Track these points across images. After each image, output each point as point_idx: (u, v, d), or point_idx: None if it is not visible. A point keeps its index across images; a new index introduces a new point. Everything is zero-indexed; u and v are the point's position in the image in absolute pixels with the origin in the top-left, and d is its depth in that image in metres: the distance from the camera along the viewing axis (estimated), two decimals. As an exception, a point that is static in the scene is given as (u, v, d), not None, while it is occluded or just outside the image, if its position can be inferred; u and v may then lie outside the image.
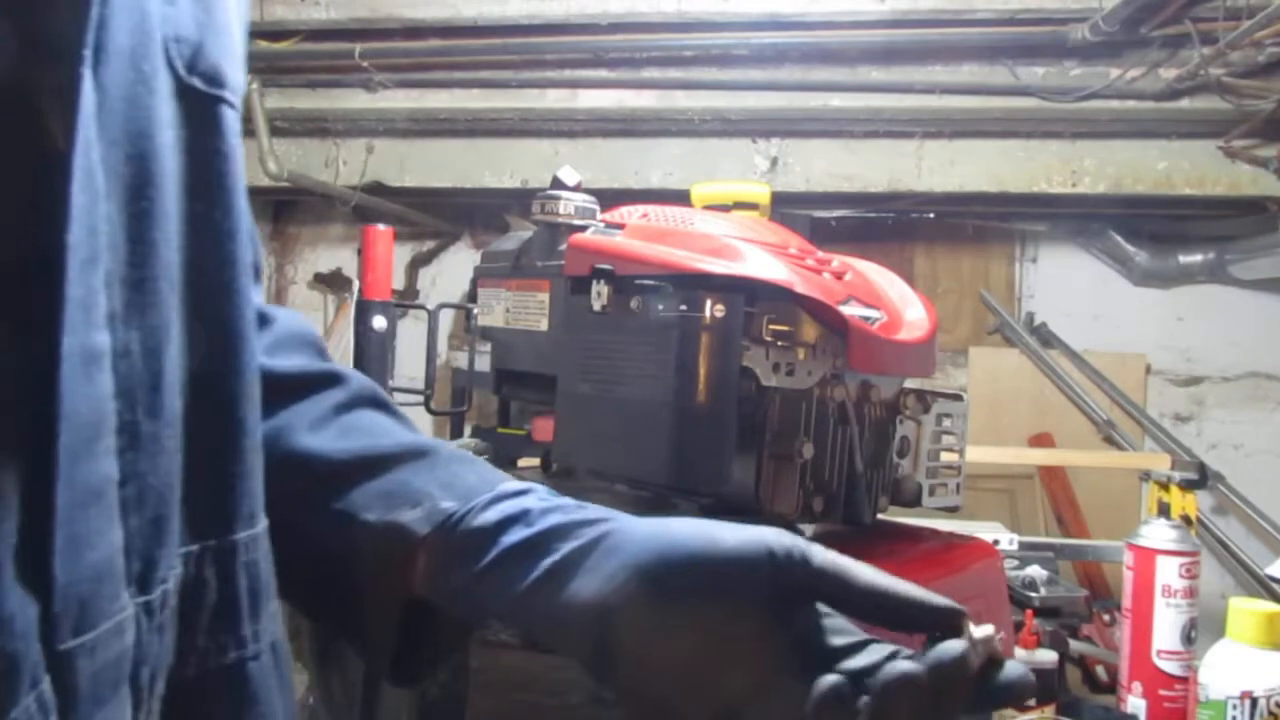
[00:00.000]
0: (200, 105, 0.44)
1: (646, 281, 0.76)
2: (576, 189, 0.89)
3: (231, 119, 0.46)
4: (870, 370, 0.77)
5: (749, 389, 0.72)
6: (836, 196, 3.11)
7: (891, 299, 0.84)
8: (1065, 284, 3.75)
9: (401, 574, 0.53)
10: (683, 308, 0.73)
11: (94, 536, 0.36)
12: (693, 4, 2.58)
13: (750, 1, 2.58)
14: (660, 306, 0.74)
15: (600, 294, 0.78)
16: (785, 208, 3.22)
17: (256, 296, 0.54)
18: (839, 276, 0.81)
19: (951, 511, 0.83)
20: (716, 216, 0.86)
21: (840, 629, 0.49)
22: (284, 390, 0.59)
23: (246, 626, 0.47)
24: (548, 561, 0.49)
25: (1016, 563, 1.47)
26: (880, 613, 0.49)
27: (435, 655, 0.56)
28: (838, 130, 2.93)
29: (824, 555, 0.48)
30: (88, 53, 0.35)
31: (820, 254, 0.85)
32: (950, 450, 0.82)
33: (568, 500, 0.54)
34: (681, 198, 1.44)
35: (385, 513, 0.53)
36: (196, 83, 0.44)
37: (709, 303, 0.71)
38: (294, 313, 0.68)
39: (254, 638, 0.47)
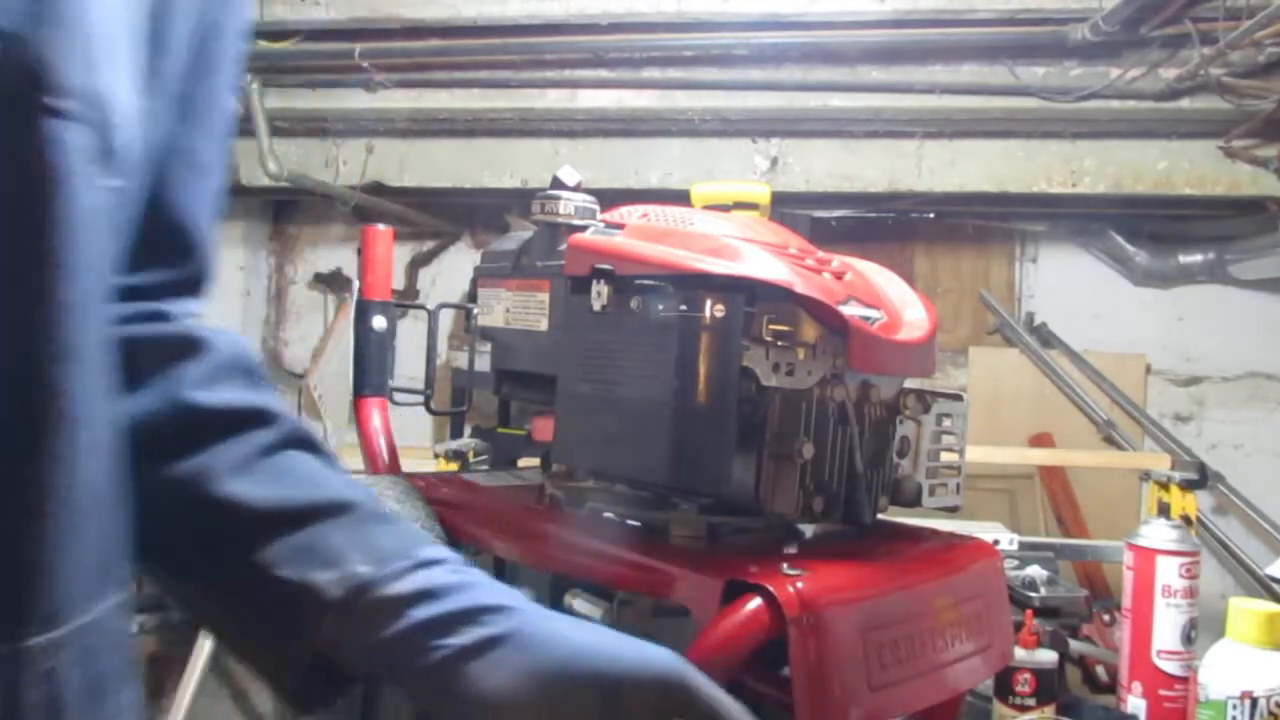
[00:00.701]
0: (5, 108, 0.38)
1: (646, 281, 0.76)
2: (576, 189, 0.88)
3: (59, 131, 0.39)
4: (870, 370, 0.77)
5: (749, 389, 0.72)
6: (836, 196, 3.11)
7: (891, 299, 0.84)
8: (1065, 284, 3.75)
9: (310, 631, 0.53)
10: (683, 308, 0.73)
11: None
12: (693, 4, 2.58)
13: (750, 1, 2.58)
14: (660, 306, 0.74)
15: (600, 294, 0.78)
16: (785, 208, 3.22)
17: (194, 320, 0.53)
18: (839, 276, 0.81)
19: (951, 511, 0.83)
20: (716, 216, 0.86)
21: None
22: (210, 428, 0.57)
23: None
24: (453, 644, 0.50)
25: (1016, 563, 1.47)
26: None
27: (341, 688, 0.57)
28: (838, 130, 2.93)
29: (709, 696, 0.49)
30: None
31: (820, 254, 0.85)
32: (950, 450, 0.82)
33: (479, 576, 0.55)
34: (681, 198, 1.44)
35: (300, 571, 0.53)
36: None
37: (709, 303, 0.71)
38: (234, 336, 0.65)
39: None
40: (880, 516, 0.81)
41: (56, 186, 0.39)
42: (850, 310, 0.77)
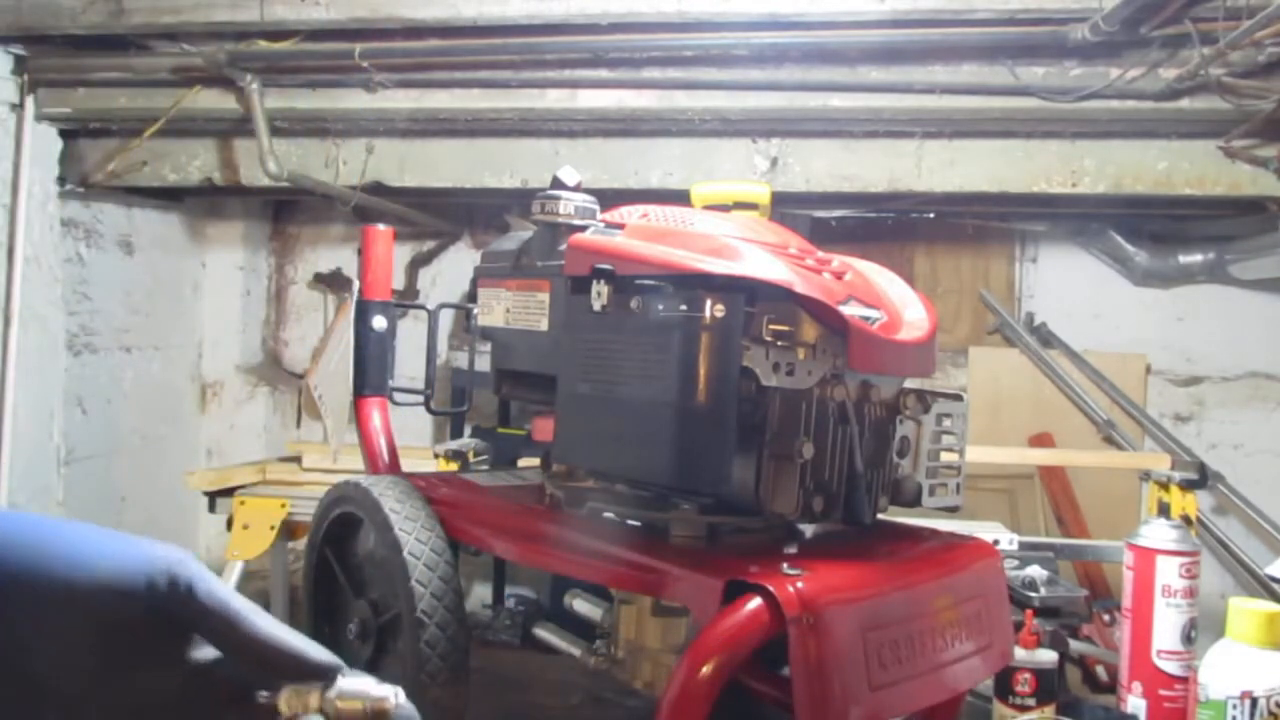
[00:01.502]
0: None
1: (646, 281, 0.76)
2: (576, 189, 0.88)
3: None
4: (870, 370, 0.77)
5: (749, 389, 0.72)
6: (836, 196, 3.11)
7: (891, 299, 0.84)
8: (1065, 284, 3.75)
9: None
10: (683, 308, 0.72)
11: None
12: (693, 4, 2.58)
13: (750, 1, 2.58)
14: (660, 306, 0.74)
15: (600, 294, 0.78)
16: (785, 208, 3.22)
17: None
18: (839, 276, 0.81)
19: (951, 511, 0.83)
20: (717, 216, 0.86)
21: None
22: None
23: None
24: None
25: (1016, 563, 1.47)
26: (260, 660, 0.48)
27: None
28: (838, 130, 2.92)
29: (212, 594, 0.47)
30: None
31: (820, 254, 0.85)
32: (950, 450, 0.82)
33: None
34: (681, 198, 1.44)
35: None
36: None
37: (709, 303, 0.71)
38: None
39: None
40: (880, 516, 0.81)
41: None
42: (850, 310, 0.76)
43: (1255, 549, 3.37)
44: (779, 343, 0.72)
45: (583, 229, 0.87)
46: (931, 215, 3.50)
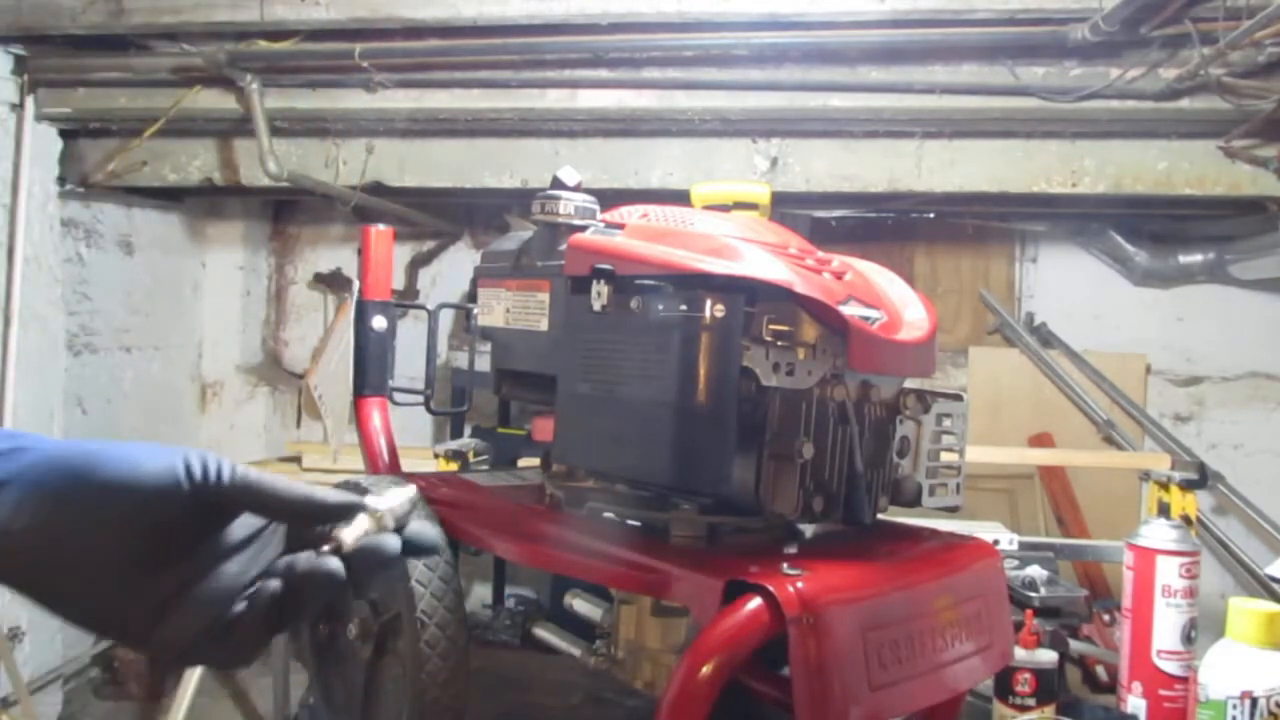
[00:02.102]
0: None
1: (646, 281, 0.76)
2: (577, 189, 0.88)
3: None
4: (870, 370, 0.77)
5: (749, 389, 0.72)
6: (836, 196, 3.11)
7: (891, 299, 0.84)
8: (1065, 284, 3.75)
9: None
10: (683, 308, 0.72)
11: None
12: (693, 4, 2.58)
13: (750, 1, 2.58)
14: (660, 306, 0.74)
15: (600, 294, 0.78)
16: (785, 208, 3.22)
17: None
18: (839, 276, 0.81)
19: (952, 511, 0.83)
20: (716, 216, 0.86)
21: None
22: None
23: None
24: None
25: (1016, 563, 1.47)
26: (294, 516, 0.59)
27: None
28: (838, 130, 2.92)
29: (236, 473, 0.56)
30: None
31: (820, 254, 0.85)
32: (950, 450, 0.82)
33: None
34: (681, 198, 1.44)
35: None
36: None
37: (709, 303, 0.71)
38: None
39: None
40: (880, 516, 0.81)
41: None
42: (850, 310, 0.76)
43: (1255, 549, 3.37)
44: (779, 343, 0.72)
45: (583, 229, 0.87)
46: (931, 215, 3.50)
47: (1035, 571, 1.38)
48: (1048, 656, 1.15)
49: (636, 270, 0.77)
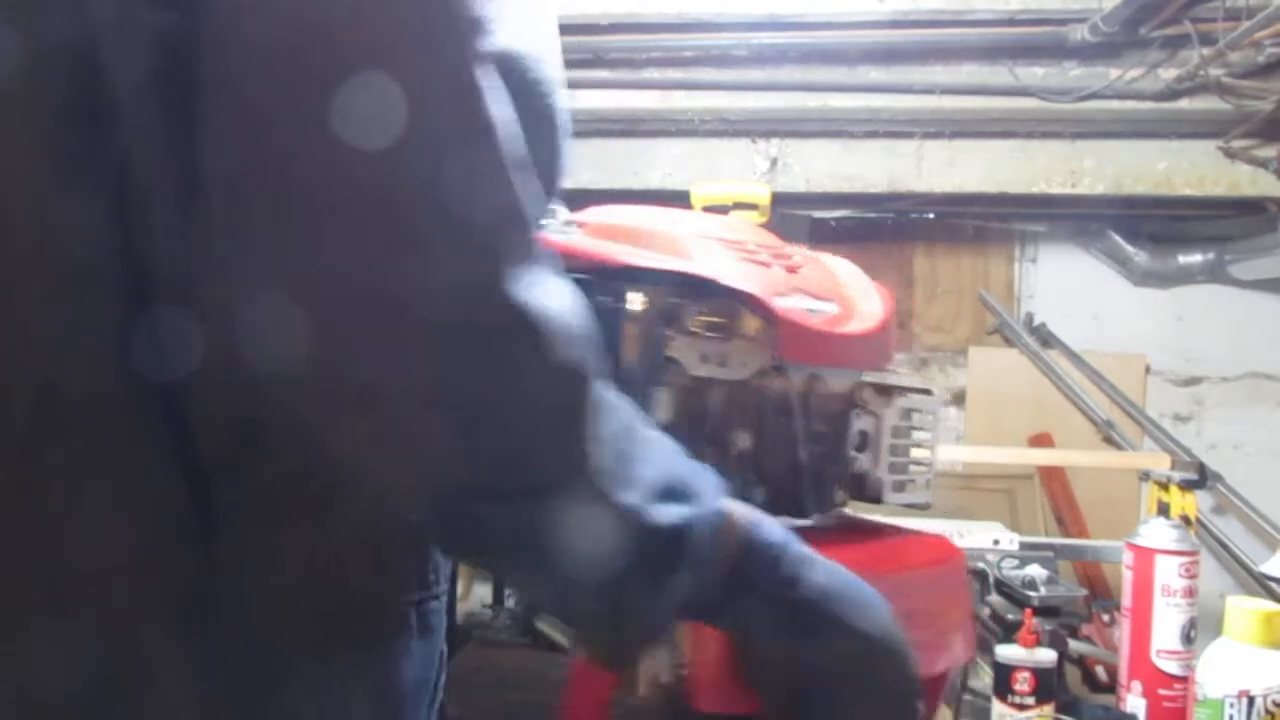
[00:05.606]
0: None
1: (578, 276, 0.77)
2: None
3: None
4: (803, 360, 0.76)
5: (678, 379, 0.72)
6: (836, 197, 3.11)
7: (850, 293, 0.82)
8: (1065, 284, 3.75)
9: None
10: (604, 299, 0.73)
11: None
12: (693, 4, 2.58)
13: (750, 2, 2.58)
14: (586, 299, 0.75)
15: None
16: (785, 208, 3.22)
17: None
18: (793, 270, 0.80)
19: (921, 509, 0.81)
20: (679, 214, 0.86)
21: None
22: None
23: None
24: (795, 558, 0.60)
25: (1016, 562, 1.48)
26: None
27: None
28: (837, 130, 2.93)
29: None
30: None
31: (790, 249, 0.85)
32: (921, 446, 0.81)
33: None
34: (681, 198, 1.44)
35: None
36: None
37: (628, 294, 0.72)
38: None
39: None
40: (850, 513, 0.80)
41: None
42: (794, 302, 0.76)
43: (1255, 549, 3.36)
44: (708, 333, 0.73)
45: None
46: (931, 215, 3.50)
47: (1035, 571, 1.38)
48: (1047, 656, 1.15)
49: (572, 264, 0.77)
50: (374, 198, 0.42)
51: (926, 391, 0.81)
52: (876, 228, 3.59)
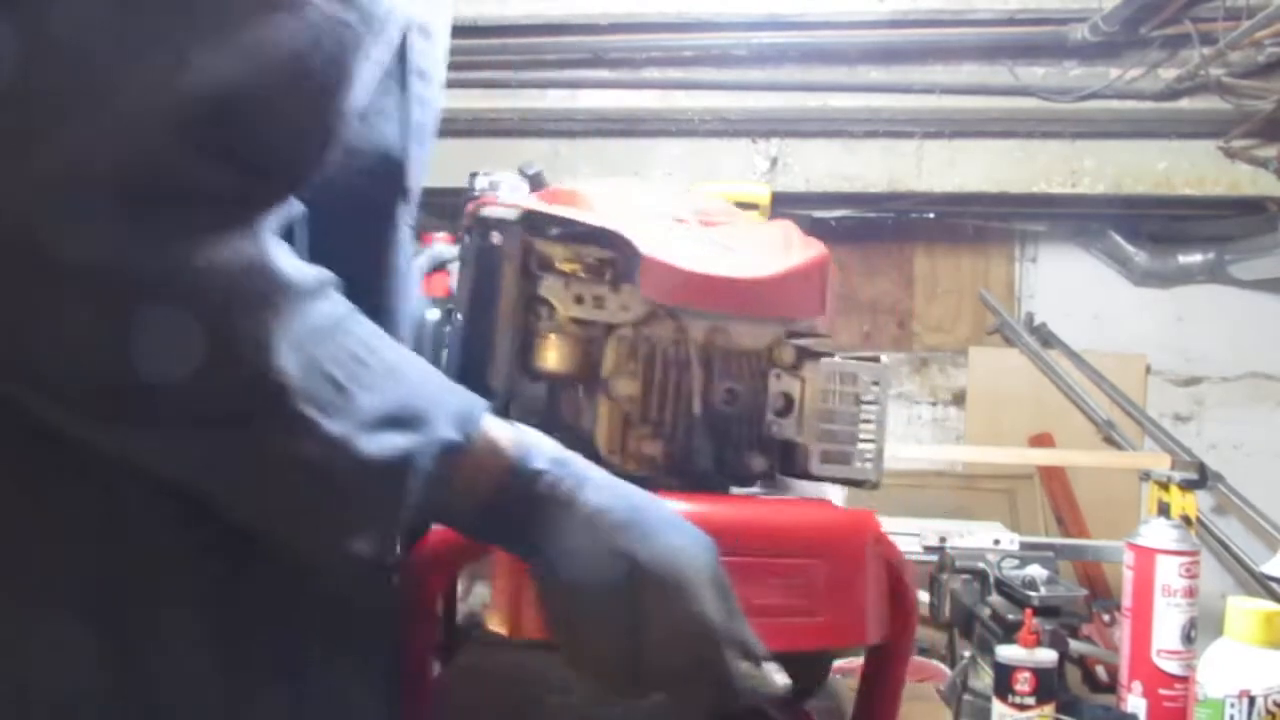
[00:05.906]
0: None
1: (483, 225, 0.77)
2: (535, 177, 0.89)
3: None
4: (674, 303, 0.72)
5: (543, 318, 0.72)
6: (836, 196, 3.11)
7: (770, 248, 0.78)
8: (1065, 284, 3.75)
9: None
10: (473, 239, 0.75)
11: None
12: (693, 4, 2.58)
13: (750, 1, 2.58)
14: (469, 242, 0.76)
15: (467, 245, 0.79)
16: (785, 208, 3.21)
17: None
18: (710, 225, 0.78)
19: (858, 485, 0.76)
20: (628, 185, 0.87)
21: None
22: None
23: None
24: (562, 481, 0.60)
25: (1017, 562, 1.47)
26: None
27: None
28: (837, 130, 2.93)
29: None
30: None
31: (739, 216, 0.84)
32: (867, 421, 0.75)
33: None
34: (681, 198, 1.44)
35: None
36: None
37: (492, 234, 0.73)
38: None
39: None
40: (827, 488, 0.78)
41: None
42: (687, 250, 0.73)
43: (1255, 549, 3.36)
44: (582, 275, 0.72)
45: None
46: (931, 215, 3.50)
47: (1035, 571, 1.38)
48: (1047, 656, 1.15)
49: (487, 217, 0.77)
50: None
51: (874, 359, 0.75)
52: (877, 227, 3.59)
